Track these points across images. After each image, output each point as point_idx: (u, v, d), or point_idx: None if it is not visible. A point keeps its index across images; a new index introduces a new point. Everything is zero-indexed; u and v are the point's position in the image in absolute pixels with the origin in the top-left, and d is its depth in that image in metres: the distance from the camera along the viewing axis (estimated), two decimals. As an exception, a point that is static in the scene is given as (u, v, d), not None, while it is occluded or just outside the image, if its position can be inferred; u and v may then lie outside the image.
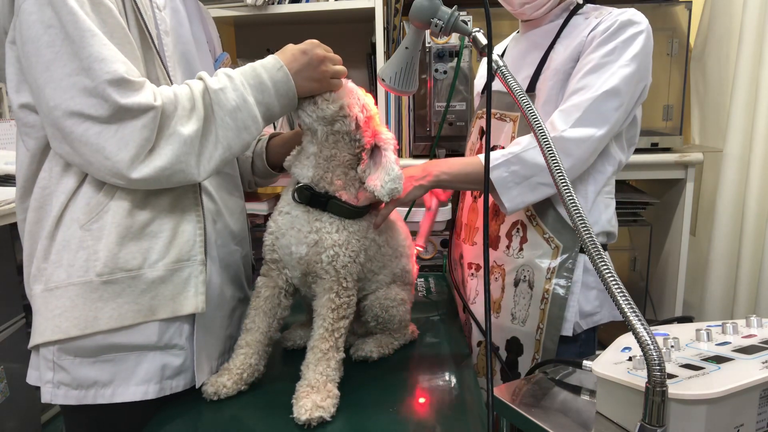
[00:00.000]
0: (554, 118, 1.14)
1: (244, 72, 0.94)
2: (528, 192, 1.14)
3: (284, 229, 1.02)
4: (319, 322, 0.99)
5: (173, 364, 0.97)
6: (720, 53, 2.14)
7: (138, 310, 0.92)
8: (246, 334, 1.03)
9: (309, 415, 0.88)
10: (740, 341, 0.78)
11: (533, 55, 1.26)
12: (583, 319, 1.24)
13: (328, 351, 0.97)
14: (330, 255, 0.98)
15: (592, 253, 0.68)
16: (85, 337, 0.91)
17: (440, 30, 1.04)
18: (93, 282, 0.90)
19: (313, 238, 0.99)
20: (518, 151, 1.13)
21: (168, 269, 0.94)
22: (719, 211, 2.10)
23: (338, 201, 1.01)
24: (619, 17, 1.15)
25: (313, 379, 0.94)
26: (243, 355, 1.01)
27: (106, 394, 0.93)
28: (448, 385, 1.06)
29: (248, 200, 2.27)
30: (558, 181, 0.75)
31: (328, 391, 0.93)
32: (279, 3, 2.07)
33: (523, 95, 0.85)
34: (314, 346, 0.97)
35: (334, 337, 0.98)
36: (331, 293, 0.99)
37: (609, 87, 1.10)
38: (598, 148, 1.16)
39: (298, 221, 1.01)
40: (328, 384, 0.94)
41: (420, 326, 1.27)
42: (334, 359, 0.97)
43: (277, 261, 1.04)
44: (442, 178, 1.14)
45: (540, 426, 0.78)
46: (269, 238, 1.04)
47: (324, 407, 0.90)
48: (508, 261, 1.29)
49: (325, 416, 0.89)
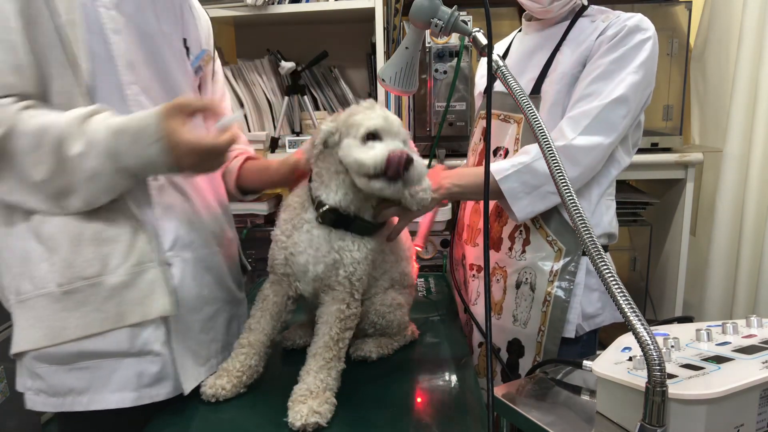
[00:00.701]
0: (563, 126, 1.14)
1: (118, 133, 0.85)
2: (538, 201, 1.14)
3: (302, 247, 0.98)
4: (324, 329, 0.98)
5: (149, 371, 0.94)
6: (720, 53, 2.14)
7: (105, 318, 0.91)
8: (249, 333, 1.02)
9: (304, 421, 0.87)
10: (740, 341, 0.78)
11: (538, 56, 1.26)
12: (585, 321, 1.24)
13: (331, 360, 0.96)
14: (348, 271, 0.98)
15: (593, 254, 0.68)
16: (57, 345, 0.90)
17: (440, 30, 1.04)
18: (54, 293, 0.89)
19: (333, 257, 0.97)
20: (528, 161, 1.12)
21: (130, 273, 0.92)
22: (719, 211, 2.10)
23: (363, 221, 0.99)
24: (628, 22, 1.15)
25: (313, 385, 0.93)
26: (244, 355, 1.00)
27: (83, 402, 0.92)
28: (448, 385, 1.06)
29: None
30: (560, 184, 0.75)
31: (326, 398, 0.92)
32: (279, 3, 2.07)
33: (524, 96, 0.85)
34: (317, 353, 0.96)
35: (338, 347, 0.97)
36: (342, 304, 0.98)
37: (617, 95, 1.11)
38: (606, 156, 1.16)
39: (317, 241, 0.97)
40: (327, 392, 0.93)
41: (420, 327, 1.27)
42: (335, 369, 0.96)
43: (289, 275, 1.02)
44: (453, 190, 1.13)
45: (540, 426, 0.78)
46: (281, 253, 1.00)
47: (320, 413, 0.89)
48: (511, 263, 1.29)
49: (321, 422, 0.88)
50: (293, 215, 1.01)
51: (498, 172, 1.13)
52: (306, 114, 2.24)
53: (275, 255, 1.02)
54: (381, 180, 0.90)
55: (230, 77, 2.25)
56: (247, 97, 2.27)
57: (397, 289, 1.15)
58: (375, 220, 1.02)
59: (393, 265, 1.13)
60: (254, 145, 2.14)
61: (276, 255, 1.01)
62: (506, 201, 1.14)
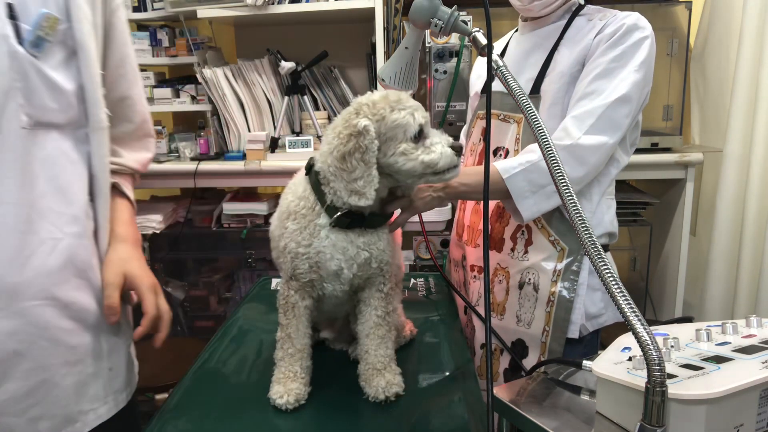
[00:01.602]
0: (568, 125, 1.14)
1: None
2: (543, 200, 1.14)
3: (329, 254, 0.96)
4: (368, 310, 1.02)
5: None
6: (720, 53, 2.14)
7: None
8: (290, 341, 1.00)
9: (386, 393, 0.96)
10: (740, 341, 0.78)
11: (536, 56, 1.26)
12: (588, 321, 1.24)
13: (385, 335, 1.01)
14: (380, 260, 1.00)
15: (592, 254, 0.68)
16: None
17: (440, 30, 1.04)
18: None
19: (364, 256, 0.97)
20: (536, 160, 1.12)
21: None
22: (719, 211, 2.10)
23: (374, 215, 0.99)
24: (625, 20, 1.15)
25: (378, 363, 0.99)
26: (299, 360, 0.99)
27: None
28: (448, 385, 1.06)
29: (248, 200, 2.29)
30: (560, 184, 0.75)
31: (394, 370, 1.00)
32: (279, 3, 2.07)
33: (523, 96, 0.85)
34: (369, 333, 1.01)
35: (386, 322, 1.02)
36: (380, 285, 1.02)
37: (620, 94, 1.11)
38: (610, 155, 1.17)
39: (342, 244, 0.96)
40: (392, 363, 1.01)
41: (420, 327, 1.27)
42: (390, 340, 1.02)
43: (315, 279, 0.99)
44: (461, 189, 1.13)
45: (540, 426, 0.78)
46: (305, 263, 0.96)
47: (396, 383, 0.97)
48: (513, 263, 1.29)
49: (400, 390, 0.97)
50: (305, 224, 0.96)
51: (505, 170, 1.13)
52: (306, 114, 2.25)
53: (298, 266, 0.97)
54: (438, 174, 0.94)
55: (230, 77, 2.25)
56: (247, 97, 2.27)
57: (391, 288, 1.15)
58: (384, 212, 1.02)
59: (393, 257, 1.13)
60: (254, 144, 2.15)
61: (299, 266, 0.97)
62: (511, 201, 1.14)
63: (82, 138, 0.90)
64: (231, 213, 2.26)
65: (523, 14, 1.28)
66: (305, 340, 1.01)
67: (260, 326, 1.30)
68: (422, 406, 0.98)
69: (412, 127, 0.90)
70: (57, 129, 0.86)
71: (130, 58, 1.01)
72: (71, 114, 0.87)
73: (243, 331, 1.29)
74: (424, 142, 0.92)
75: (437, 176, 0.94)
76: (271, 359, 1.04)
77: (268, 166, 2.13)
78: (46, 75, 0.83)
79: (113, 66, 0.97)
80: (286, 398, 0.94)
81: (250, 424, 0.93)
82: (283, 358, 1.00)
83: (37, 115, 0.83)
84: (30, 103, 0.82)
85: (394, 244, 1.13)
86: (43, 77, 0.83)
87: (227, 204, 2.28)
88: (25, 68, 0.81)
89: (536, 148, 1.14)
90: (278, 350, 1.01)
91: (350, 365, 1.06)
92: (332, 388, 1.03)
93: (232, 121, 2.25)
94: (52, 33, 0.83)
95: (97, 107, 0.90)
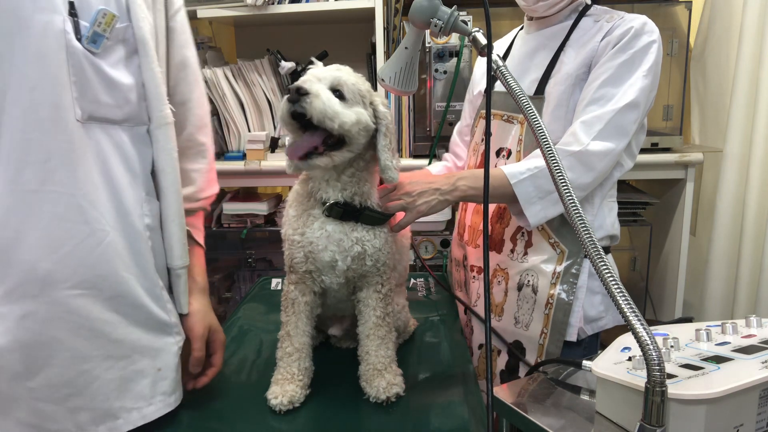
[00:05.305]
0: (577, 130, 1.13)
1: None
2: (551, 206, 1.13)
3: (322, 244, 0.98)
4: (368, 311, 1.03)
5: None
6: (720, 53, 2.14)
7: None
8: (290, 340, 1.01)
9: (387, 393, 0.97)
10: (740, 341, 0.78)
11: (541, 56, 1.25)
12: (587, 324, 1.24)
13: (385, 336, 1.02)
14: (374, 259, 1.00)
15: (593, 255, 0.68)
16: None
17: (440, 30, 1.04)
18: None
19: (357, 250, 0.98)
20: (544, 165, 1.11)
21: None
22: (719, 211, 2.10)
23: (371, 211, 1.00)
24: (633, 24, 1.14)
25: (378, 363, 1.00)
26: (297, 360, 1.00)
27: None
28: (448, 385, 1.06)
29: (248, 200, 2.28)
30: (560, 186, 0.75)
31: (394, 370, 1.01)
32: (279, 3, 2.07)
33: (524, 97, 0.85)
34: (369, 333, 1.02)
35: (386, 322, 1.03)
36: (377, 285, 1.03)
37: (629, 100, 1.11)
38: (617, 161, 1.16)
39: (336, 235, 0.97)
40: (392, 364, 1.02)
41: (420, 327, 1.27)
42: (391, 341, 1.03)
43: (312, 271, 1.01)
44: (469, 192, 1.12)
45: (540, 426, 0.78)
46: (300, 251, 0.99)
47: (397, 383, 0.99)
48: (512, 265, 1.29)
49: (400, 391, 0.98)
50: (301, 211, 1.00)
51: (512, 175, 1.12)
52: (306, 114, 2.24)
53: (293, 254, 1.00)
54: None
55: (230, 77, 2.25)
56: (247, 97, 2.27)
57: (398, 288, 1.16)
58: (382, 212, 1.02)
59: (398, 261, 1.13)
60: (254, 145, 2.15)
61: (294, 254, 0.99)
62: (517, 205, 1.13)
63: (142, 135, 0.92)
64: (231, 213, 2.25)
65: (528, 14, 1.27)
66: (304, 338, 1.01)
67: (260, 326, 1.31)
68: (423, 407, 0.98)
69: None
70: (113, 124, 0.88)
71: (191, 61, 1.03)
72: (128, 110, 0.89)
73: (243, 331, 1.29)
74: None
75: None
76: (272, 359, 1.04)
77: (268, 166, 2.12)
78: (102, 70, 0.85)
79: (174, 68, 1.00)
80: (281, 399, 0.95)
81: (250, 424, 0.93)
82: (281, 358, 1.01)
83: (90, 109, 0.84)
84: (84, 96, 0.83)
85: (399, 245, 1.13)
86: (99, 72, 0.84)
87: (227, 204, 2.28)
88: (81, 63, 0.82)
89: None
90: (278, 349, 1.02)
91: (352, 365, 1.06)
92: (333, 388, 1.03)
93: (232, 121, 2.25)
94: (109, 29, 0.84)
95: (161, 103, 0.92)
